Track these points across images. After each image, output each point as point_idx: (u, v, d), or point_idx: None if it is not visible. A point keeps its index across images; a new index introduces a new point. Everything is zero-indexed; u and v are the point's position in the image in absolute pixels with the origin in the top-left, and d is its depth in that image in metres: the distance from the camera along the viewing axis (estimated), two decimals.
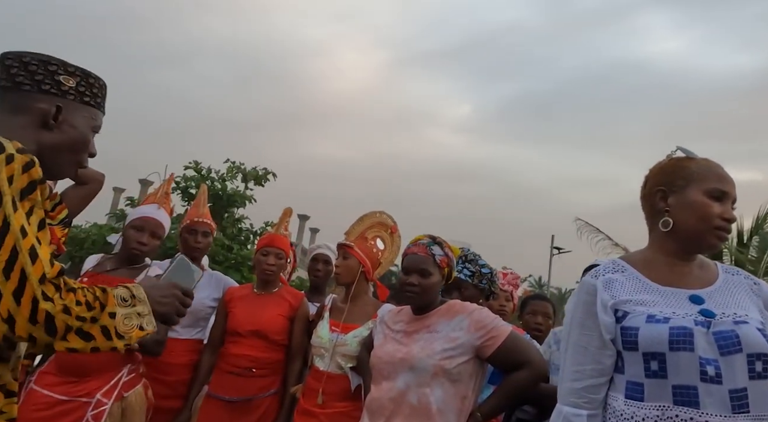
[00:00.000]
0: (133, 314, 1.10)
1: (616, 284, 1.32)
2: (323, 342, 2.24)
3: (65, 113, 1.15)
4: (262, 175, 12.51)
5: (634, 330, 1.23)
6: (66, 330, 0.99)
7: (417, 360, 1.79)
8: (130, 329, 1.09)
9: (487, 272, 2.40)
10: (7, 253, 0.94)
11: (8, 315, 0.94)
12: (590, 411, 1.29)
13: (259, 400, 2.36)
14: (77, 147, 1.19)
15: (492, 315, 1.90)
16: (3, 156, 0.97)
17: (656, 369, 1.19)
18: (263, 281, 2.57)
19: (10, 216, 0.95)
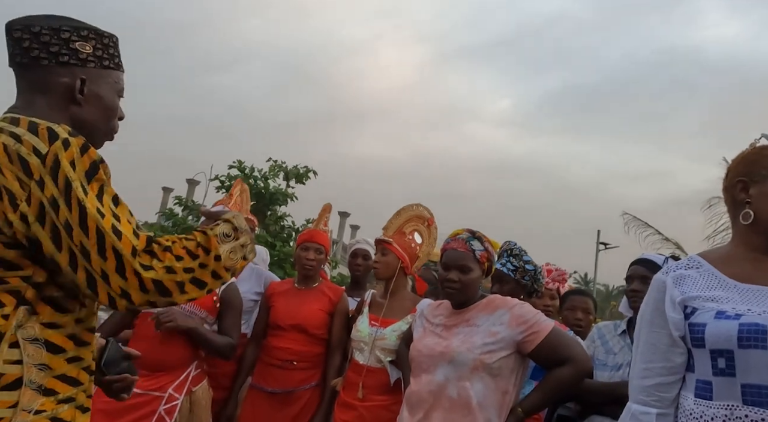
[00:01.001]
0: (237, 247, 1.11)
1: (688, 280, 1.26)
2: (362, 337, 2.26)
3: (90, 84, 1.12)
4: (303, 173, 12.67)
5: (701, 327, 1.18)
6: (180, 286, 1.02)
7: (457, 354, 1.78)
8: (236, 262, 1.11)
9: (531, 269, 2.35)
10: (94, 236, 0.95)
11: (121, 290, 0.97)
12: (660, 409, 1.25)
13: (300, 392, 2.41)
14: (108, 116, 1.17)
15: (534, 310, 1.86)
16: (59, 142, 0.96)
17: (723, 367, 1.14)
18: (303, 276, 2.62)
19: (84, 200, 0.95)
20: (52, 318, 1.02)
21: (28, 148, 0.96)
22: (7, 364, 0.96)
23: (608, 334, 2.13)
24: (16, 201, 0.95)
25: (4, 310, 0.97)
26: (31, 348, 0.98)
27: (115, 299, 0.99)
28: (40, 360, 0.99)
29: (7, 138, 0.97)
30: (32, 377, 0.98)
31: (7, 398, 0.96)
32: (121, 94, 1.20)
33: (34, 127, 0.98)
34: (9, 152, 0.95)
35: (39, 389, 0.99)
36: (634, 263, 2.15)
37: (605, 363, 2.05)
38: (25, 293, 0.99)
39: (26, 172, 0.95)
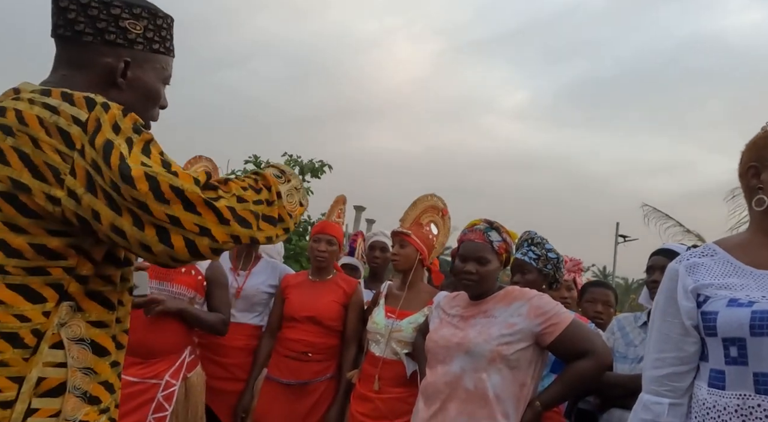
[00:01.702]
0: (292, 189, 1.02)
1: (701, 268, 1.24)
2: (379, 328, 2.25)
3: (134, 68, 1.02)
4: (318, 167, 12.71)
5: (713, 315, 1.16)
6: (255, 217, 0.92)
7: (473, 345, 1.76)
8: (294, 207, 1.01)
9: (554, 257, 2.32)
10: (145, 185, 0.83)
11: (199, 228, 0.86)
12: (672, 399, 1.23)
13: (315, 384, 2.42)
14: (149, 104, 1.08)
15: (553, 301, 1.83)
16: (99, 106, 0.87)
17: (736, 356, 1.12)
18: (317, 268, 2.62)
19: (126, 156, 0.84)
20: (100, 316, 0.93)
21: (67, 119, 0.86)
22: (49, 367, 0.86)
23: (628, 326, 2.09)
24: (60, 175, 0.85)
25: (45, 306, 0.87)
26: (76, 349, 0.89)
27: (195, 241, 0.86)
28: (85, 363, 0.89)
29: (42, 110, 0.87)
30: (77, 382, 0.88)
31: (48, 405, 0.86)
32: (167, 81, 1.10)
33: (69, 97, 0.89)
34: (46, 125, 0.85)
35: (84, 396, 0.89)
36: (655, 253, 2.11)
37: (625, 356, 2.01)
38: (67, 287, 0.89)
39: (68, 143, 0.85)
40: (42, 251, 0.86)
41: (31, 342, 0.85)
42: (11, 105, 0.88)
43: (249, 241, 0.93)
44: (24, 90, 0.93)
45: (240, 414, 2.48)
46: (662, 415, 1.23)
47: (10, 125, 0.86)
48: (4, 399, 0.83)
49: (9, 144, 0.85)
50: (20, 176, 0.84)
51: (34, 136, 0.85)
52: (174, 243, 0.85)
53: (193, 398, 2.24)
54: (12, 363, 0.84)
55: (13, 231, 0.85)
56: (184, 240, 0.85)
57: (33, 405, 0.84)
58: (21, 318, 0.85)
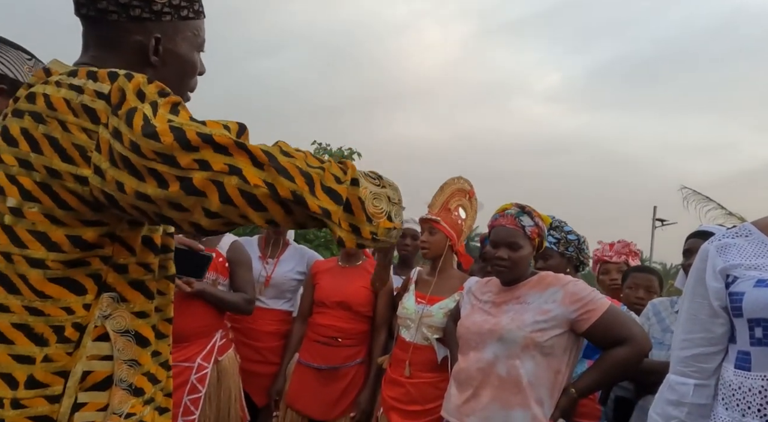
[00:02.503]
0: (383, 196, 0.86)
1: (733, 249, 1.22)
2: (409, 314, 2.25)
3: (165, 42, 0.97)
4: (348, 155, 12.75)
5: (740, 296, 1.14)
6: (307, 178, 0.78)
7: (506, 331, 1.73)
8: (380, 213, 0.84)
9: (574, 239, 2.26)
10: (170, 136, 0.75)
11: (229, 167, 0.76)
12: (698, 380, 1.22)
13: (345, 369, 2.44)
14: (187, 76, 1.03)
15: (588, 287, 1.79)
16: (122, 77, 0.83)
17: (761, 337, 1.10)
18: (346, 254, 2.62)
19: (151, 117, 0.78)
20: (142, 306, 0.90)
21: (91, 95, 0.82)
22: (95, 360, 0.84)
23: (664, 311, 2.03)
24: (87, 153, 0.81)
25: (86, 298, 0.85)
26: (122, 341, 0.87)
27: (223, 182, 0.76)
28: (130, 356, 0.88)
29: (68, 92, 0.84)
30: (123, 375, 0.87)
31: (96, 399, 0.84)
32: (201, 47, 1.03)
33: (93, 74, 0.85)
34: (72, 107, 0.82)
35: (129, 388, 0.87)
36: (692, 236, 2.03)
37: (662, 342, 1.95)
38: (105, 277, 0.87)
39: (93, 119, 0.81)
40: (78, 243, 0.84)
41: (72, 336, 0.84)
42: (41, 90, 0.86)
43: (292, 197, 0.77)
44: (54, 71, 0.90)
45: (273, 397, 2.54)
46: (687, 396, 1.23)
47: (40, 112, 0.84)
48: (51, 394, 0.83)
49: (41, 132, 0.83)
50: (51, 162, 0.82)
51: (62, 120, 0.83)
52: (202, 189, 0.76)
53: (226, 381, 2.28)
54: (56, 358, 0.83)
55: (54, 224, 0.83)
56: (214, 184, 0.75)
57: (80, 399, 0.84)
58: (68, 311, 0.84)
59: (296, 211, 0.79)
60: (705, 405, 1.22)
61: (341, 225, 0.81)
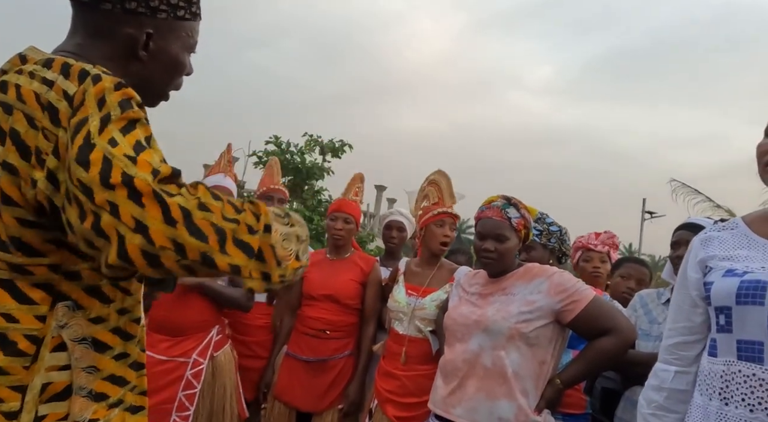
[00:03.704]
0: (293, 235, 0.84)
1: (715, 241, 1.27)
2: (401, 307, 2.25)
3: (157, 39, 0.94)
4: (339, 146, 12.70)
5: (710, 285, 1.20)
6: (220, 235, 0.75)
7: (491, 323, 1.74)
8: (289, 254, 0.83)
9: (556, 230, 2.27)
10: (98, 165, 0.72)
11: (135, 222, 0.71)
12: (679, 368, 1.28)
13: (334, 361, 2.44)
14: (173, 76, 1.00)
15: (573, 278, 1.79)
16: (89, 79, 0.79)
17: (723, 324, 1.16)
18: (334, 246, 2.62)
19: (93, 135, 0.74)
20: (99, 312, 0.88)
21: (58, 93, 0.79)
22: (53, 372, 0.82)
23: (651, 303, 2.04)
24: (42, 155, 0.77)
25: (38, 310, 0.80)
26: (79, 349, 0.84)
27: (125, 238, 0.71)
28: (88, 362, 0.86)
29: (39, 85, 0.80)
30: (81, 382, 0.84)
31: (56, 410, 0.82)
32: (192, 49, 1.02)
33: (66, 69, 0.82)
34: (41, 102, 0.79)
35: (90, 395, 0.86)
36: (680, 228, 2.04)
37: (648, 333, 1.96)
38: (59, 286, 0.83)
39: (54, 120, 0.78)
40: (20, 246, 0.80)
41: (28, 349, 0.80)
42: (13, 80, 0.83)
43: (200, 259, 0.74)
44: (30, 58, 0.88)
45: (262, 390, 2.53)
46: (667, 381, 1.29)
47: (11, 103, 0.81)
48: (8, 410, 0.79)
49: (9, 124, 0.80)
50: (7, 156, 0.79)
51: (30, 114, 0.80)
52: (107, 234, 0.72)
53: (221, 377, 2.27)
54: (10, 372, 0.79)
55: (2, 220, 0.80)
56: (117, 235, 0.72)
57: (40, 412, 0.81)
58: (7, 318, 0.79)
59: (201, 271, 0.77)
60: (684, 391, 1.27)
61: (252, 275, 0.79)
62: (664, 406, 1.29)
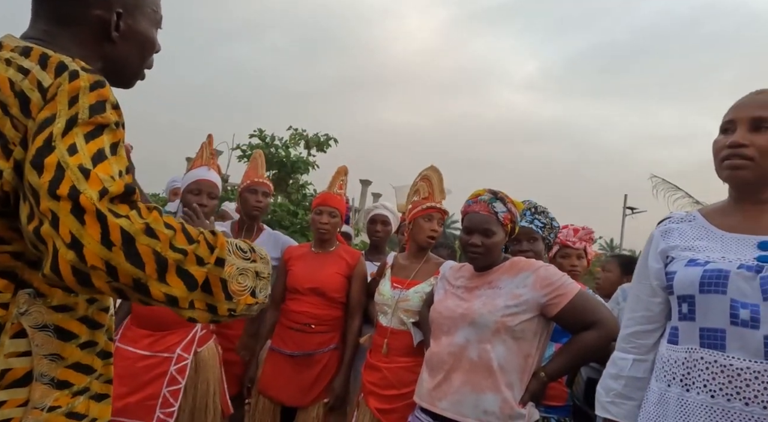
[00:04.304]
0: (251, 272, 0.84)
1: (675, 232, 1.31)
2: (385, 299, 2.25)
3: (126, 17, 0.94)
4: (324, 141, 12.65)
5: (673, 274, 1.22)
6: (160, 265, 0.75)
7: (478, 316, 1.74)
8: (243, 290, 0.83)
9: (557, 226, 2.31)
10: (50, 174, 0.72)
11: (72, 237, 0.71)
12: (637, 356, 1.32)
13: (319, 355, 2.42)
14: (146, 54, 1.00)
15: (559, 272, 1.80)
16: (66, 73, 0.79)
17: (686, 312, 1.18)
18: (319, 240, 2.60)
19: (55, 137, 0.74)
20: (64, 300, 0.87)
21: (32, 83, 0.78)
22: (13, 358, 0.81)
23: None
24: (9, 145, 0.77)
25: (1, 297, 0.81)
26: (40, 336, 0.84)
27: (59, 252, 0.71)
28: (51, 350, 0.85)
29: (15, 73, 0.79)
30: (43, 369, 0.84)
31: (15, 396, 0.82)
32: (159, 24, 1.02)
33: (45, 60, 0.81)
34: (15, 90, 0.78)
35: (51, 382, 0.86)
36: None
37: None
38: (22, 274, 0.82)
39: (24, 110, 0.77)
40: None
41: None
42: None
43: (132, 284, 0.74)
44: (6, 46, 0.85)
45: (246, 384, 2.51)
46: (625, 369, 1.32)
47: None
48: None
49: None
50: None
51: (3, 101, 0.78)
52: (44, 240, 0.73)
53: (204, 373, 2.24)
54: None
55: None
56: (53, 248, 0.72)
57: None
58: None
59: (133, 296, 0.77)
60: (642, 379, 1.30)
61: (195, 305, 0.79)
62: (623, 394, 1.32)
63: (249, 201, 2.68)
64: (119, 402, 2.03)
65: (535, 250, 2.19)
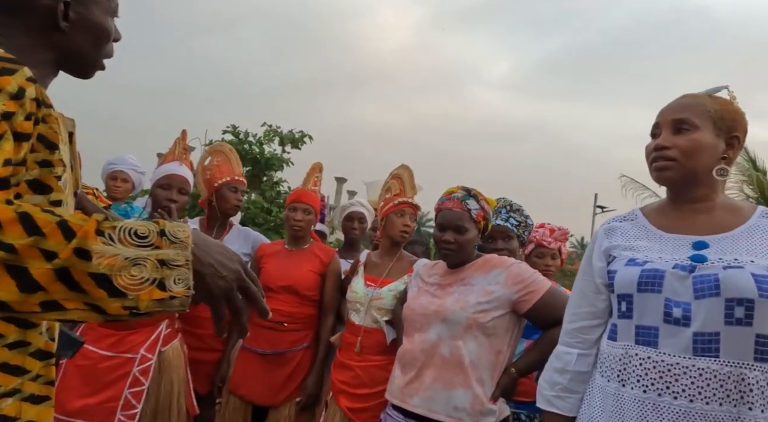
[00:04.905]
0: (150, 261, 0.70)
1: (618, 231, 1.34)
2: (358, 297, 2.24)
3: (76, 6, 0.92)
4: (299, 137, 12.55)
5: (614, 273, 1.26)
6: None
7: (450, 313, 1.75)
8: (138, 283, 0.69)
9: (531, 224, 2.34)
10: None
11: None
12: (581, 350, 1.35)
13: (291, 354, 2.40)
14: (100, 43, 0.98)
15: (530, 269, 1.83)
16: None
17: (624, 310, 1.23)
18: (293, 237, 2.57)
19: None
20: None
21: None
22: None
23: None
24: None
25: None
26: None
27: None
28: None
29: None
30: None
31: None
32: (115, 12, 1.00)
33: None
34: None
35: None
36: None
37: None
38: None
39: None
40: None
41: None
42: None
43: None
44: None
45: (217, 384, 2.47)
46: (570, 364, 1.36)
47: None
48: None
49: None
50: None
51: None
52: None
53: (168, 373, 2.19)
54: None
55: None
56: None
57: None
58: None
59: None
60: (586, 373, 1.34)
61: (65, 306, 0.67)
62: (568, 387, 1.35)
63: (230, 199, 2.61)
64: (79, 402, 1.98)
65: (510, 248, 2.22)
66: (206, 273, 0.74)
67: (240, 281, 0.78)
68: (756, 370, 1.06)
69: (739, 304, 1.08)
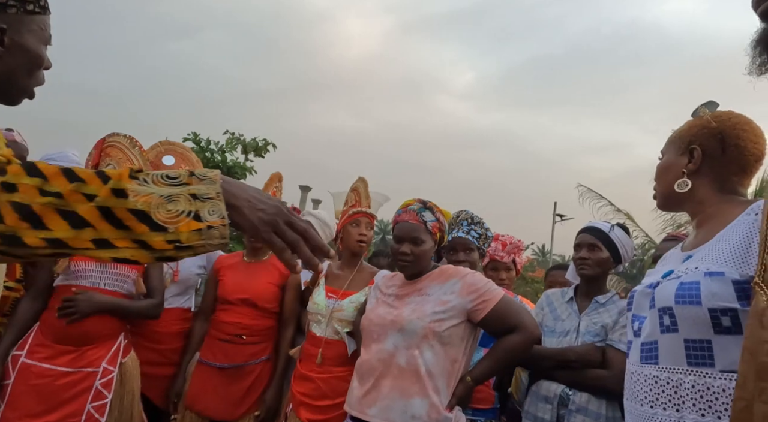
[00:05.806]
0: (183, 196, 0.75)
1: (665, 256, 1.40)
2: (320, 309, 2.24)
3: (11, 34, 0.96)
4: (262, 146, 12.42)
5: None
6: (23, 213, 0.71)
7: (407, 322, 1.78)
8: (175, 217, 0.74)
9: (491, 236, 2.40)
10: None
11: None
12: None
13: (250, 367, 2.37)
14: (32, 69, 1.01)
15: (485, 278, 1.87)
16: None
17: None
18: (252, 248, 2.56)
19: None
20: None
21: None
22: None
23: (556, 301, 2.17)
24: None
25: None
26: None
27: None
28: None
29: None
30: None
31: None
32: (48, 41, 1.03)
33: None
34: None
35: None
36: (582, 231, 2.18)
37: (553, 330, 2.09)
38: None
39: None
40: None
41: None
42: None
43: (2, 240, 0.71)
44: None
45: (173, 399, 2.42)
46: None
47: None
48: None
49: None
50: None
51: None
52: None
53: (129, 384, 2.17)
54: None
55: None
56: None
57: None
58: None
59: (14, 252, 0.72)
60: None
61: (115, 244, 0.73)
62: None
63: None
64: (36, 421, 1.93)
65: (470, 260, 2.26)
66: (243, 206, 0.78)
67: (283, 215, 0.81)
68: (691, 375, 1.11)
69: (664, 313, 1.15)
